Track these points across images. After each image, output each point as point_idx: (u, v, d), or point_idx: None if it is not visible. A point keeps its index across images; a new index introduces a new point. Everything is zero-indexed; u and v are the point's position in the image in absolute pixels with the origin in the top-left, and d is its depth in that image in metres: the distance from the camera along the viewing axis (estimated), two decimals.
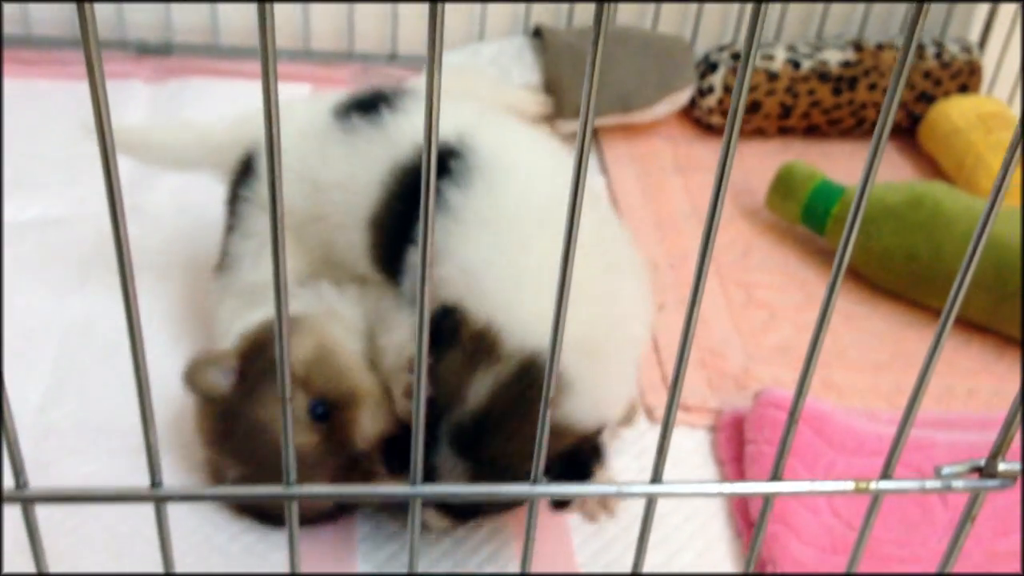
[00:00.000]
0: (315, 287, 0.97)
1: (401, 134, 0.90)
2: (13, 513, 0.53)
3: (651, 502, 0.54)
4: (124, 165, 1.21)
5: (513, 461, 0.74)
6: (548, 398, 0.49)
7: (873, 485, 0.55)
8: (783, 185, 1.31)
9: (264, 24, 0.38)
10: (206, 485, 0.92)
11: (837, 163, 1.47)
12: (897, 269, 1.21)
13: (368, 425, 0.85)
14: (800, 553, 0.89)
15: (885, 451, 0.99)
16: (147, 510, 0.86)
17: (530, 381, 0.75)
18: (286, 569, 0.87)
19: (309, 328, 0.90)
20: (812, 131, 1.55)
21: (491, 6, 1.58)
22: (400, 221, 0.86)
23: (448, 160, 0.85)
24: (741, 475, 0.97)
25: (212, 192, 1.07)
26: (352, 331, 0.92)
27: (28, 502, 0.49)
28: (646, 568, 0.88)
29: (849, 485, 0.55)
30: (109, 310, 1.13)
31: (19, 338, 1.08)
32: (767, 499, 0.56)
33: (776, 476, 0.55)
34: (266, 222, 0.97)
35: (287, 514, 0.50)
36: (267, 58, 0.39)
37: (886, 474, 0.55)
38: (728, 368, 1.11)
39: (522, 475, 0.58)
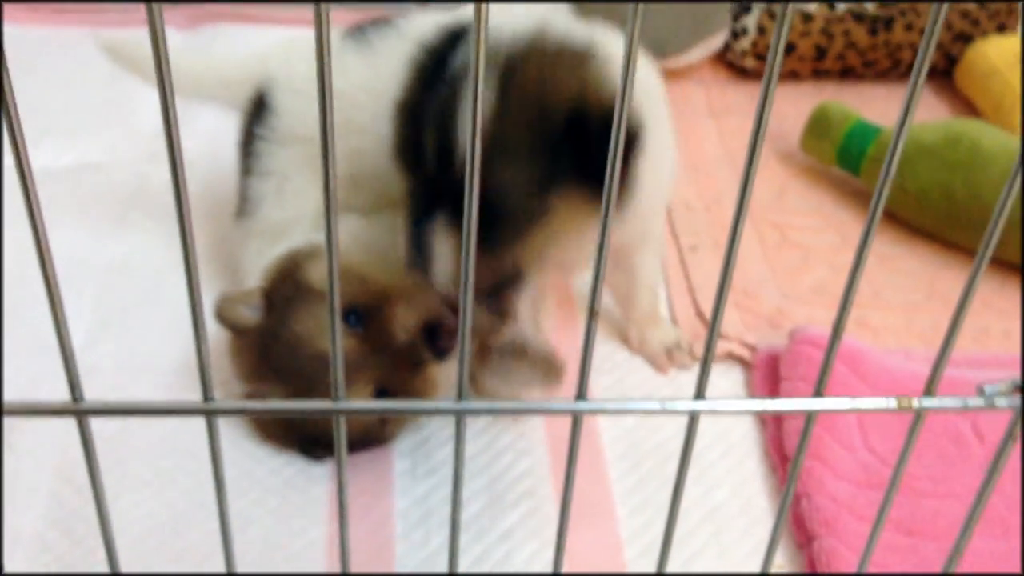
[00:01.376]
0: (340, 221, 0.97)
1: (417, 28, 0.91)
2: (68, 427, 0.55)
3: (694, 419, 0.54)
4: (157, 109, 1.24)
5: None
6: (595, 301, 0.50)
7: (916, 402, 0.55)
8: (818, 126, 1.29)
9: None
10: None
11: (872, 105, 1.45)
12: (933, 209, 1.20)
13: (405, 315, 0.86)
14: (835, 487, 0.90)
15: (921, 389, 1.00)
16: (191, 436, 0.88)
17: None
18: (327, 500, 0.89)
19: (324, 252, 0.91)
20: (847, 73, 1.53)
21: None
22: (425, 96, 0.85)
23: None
24: (776, 413, 0.97)
25: None
26: (377, 252, 0.92)
27: (83, 414, 0.50)
28: (682, 504, 0.89)
29: (892, 402, 0.55)
30: (147, 252, 1.15)
31: (60, 281, 1.09)
32: (809, 416, 0.56)
33: (819, 392, 0.55)
34: (283, 159, 0.99)
35: (335, 430, 0.51)
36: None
37: (928, 392, 0.55)
38: (762, 309, 1.11)
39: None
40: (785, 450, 0.94)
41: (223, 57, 1.11)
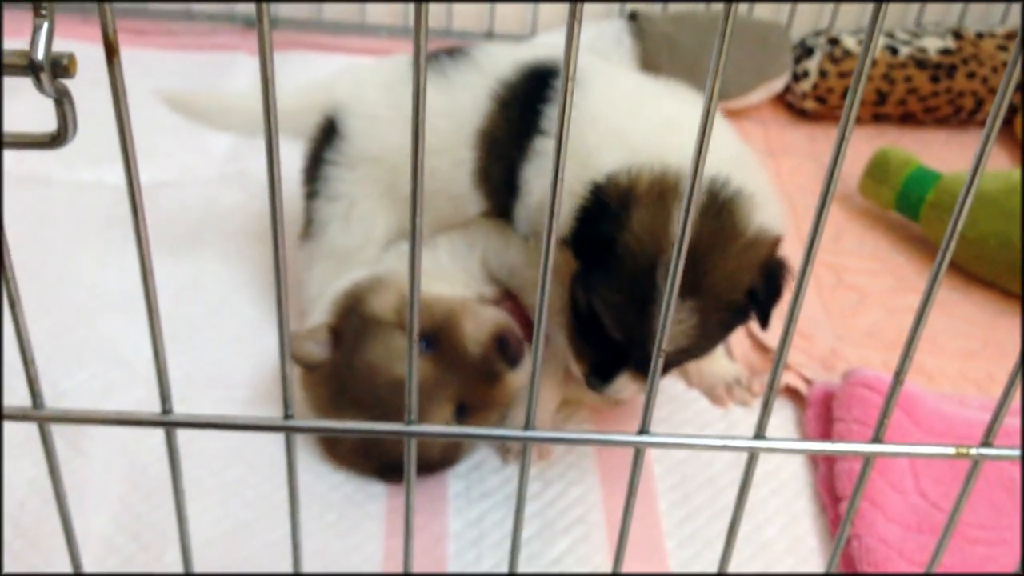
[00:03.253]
0: (399, 248, 1.00)
1: (494, 63, 0.96)
2: (138, 436, 0.57)
3: (753, 457, 0.56)
4: (229, 134, 1.28)
5: (727, 283, 0.79)
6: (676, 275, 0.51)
7: (974, 451, 0.56)
8: (878, 170, 1.30)
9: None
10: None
11: (932, 151, 1.46)
12: (991, 256, 1.21)
13: (474, 330, 0.89)
14: (885, 530, 0.90)
15: (975, 436, 1.00)
16: (254, 448, 0.91)
17: (720, 206, 0.79)
18: (383, 517, 0.91)
19: (389, 283, 0.94)
20: (907, 119, 1.54)
21: None
22: (511, 127, 0.92)
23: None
24: (828, 455, 0.98)
25: None
26: (443, 276, 0.95)
27: (171, 426, 0.53)
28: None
29: (950, 450, 0.56)
30: (216, 271, 1.19)
31: (135, 296, 1.13)
32: (867, 460, 0.57)
33: (878, 438, 0.57)
34: (352, 183, 1.02)
35: (406, 451, 0.53)
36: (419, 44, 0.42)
37: (986, 442, 0.56)
38: (816, 350, 1.12)
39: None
40: (836, 491, 0.95)
41: (286, 91, 1.15)
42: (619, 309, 0.81)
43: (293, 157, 1.13)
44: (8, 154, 1.34)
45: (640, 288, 0.78)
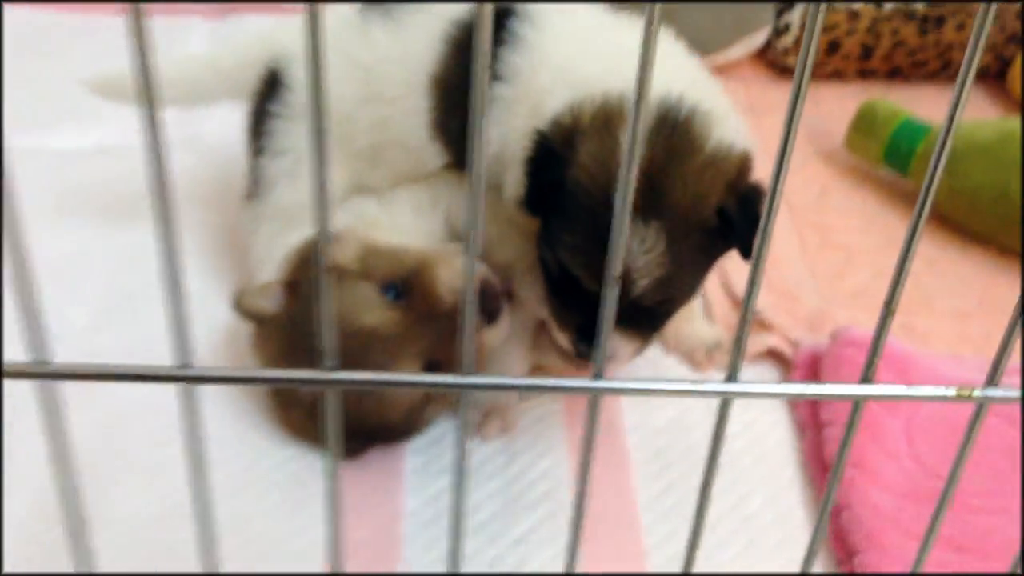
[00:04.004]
0: (352, 205, 0.93)
1: (447, 7, 0.88)
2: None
3: (726, 403, 0.49)
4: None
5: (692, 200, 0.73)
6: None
7: (977, 392, 0.49)
8: (864, 123, 1.23)
9: None
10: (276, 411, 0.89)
11: (921, 106, 1.37)
12: (986, 210, 1.13)
13: (449, 278, 0.81)
14: (878, 499, 0.83)
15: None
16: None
17: (674, 122, 0.74)
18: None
19: (349, 235, 0.86)
20: (895, 74, 1.47)
21: None
22: (467, 72, 0.83)
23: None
24: (815, 416, 0.91)
25: None
26: (404, 233, 0.88)
27: (51, 377, 0.45)
28: (712, 513, 0.83)
29: (950, 391, 0.49)
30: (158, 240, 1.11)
31: (71, 263, 1.06)
32: (856, 405, 0.50)
33: (867, 379, 0.49)
34: (299, 135, 0.94)
35: (326, 403, 0.46)
36: None
37: (992, 382, 0.49)
38: (802, 311, 1.04)
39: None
40: (825, 458, 0.88)
41: (215, 53, 1.07)
42: (586, 253, 0.74)
43: (236, 118, 1.06)
44: None
45: (601, 223, 0.71)
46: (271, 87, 0.95)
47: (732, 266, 1.10)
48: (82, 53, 1.43)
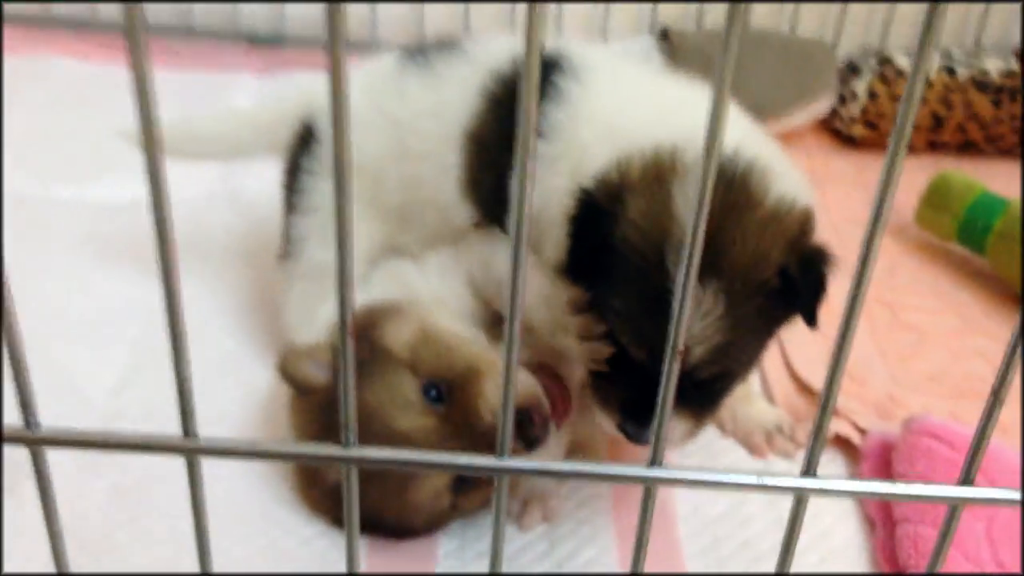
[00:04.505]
0: (389, 267, 0.88)
1: (487, 53, 0.85)
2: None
3: (800, 501, 0.43)
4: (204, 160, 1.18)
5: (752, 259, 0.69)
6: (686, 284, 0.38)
7: None
8: (937, 196, 1.16)
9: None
10: (300, 487, 0.84)
11: (995, 183, 1.31)
12: None
13: (495, 395, 0.75)
14: None
15: None
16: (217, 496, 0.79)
17: (731, 177, 0.70)
18: None
19: (408, 312, 0.81)
20: (967, 147, 1.40)
21: (615, 4, 1.48)
22: (502, 128, 0.79)
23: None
24: (888, 512, 0.83)
25: None
26: (451, 308, 0.83)
27: (37, 443, 0.41)
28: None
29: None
30: (199, 295, 1.07)
31: (102, 318, 1.02)
32: (954, 510, 0.44)
33: (967, 480, 0.43)
34: (330, 193, 0.90)
35: (344, 480, 0.40)
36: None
37: None
38: (870, 395, 0.97)
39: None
40: (898, 560, 0.80)
41: (254, 108, 1.05)
42: (636, 319, 0.68)
43: (276, 174, 1.03)
44: None
45: (653, 285, 0.66)
46: (305, 142, 0.92)
47: (793, 341, 1.03)
48: (122, 105, 1.41)
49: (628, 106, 0.77)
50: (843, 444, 0.93)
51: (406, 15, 1.53)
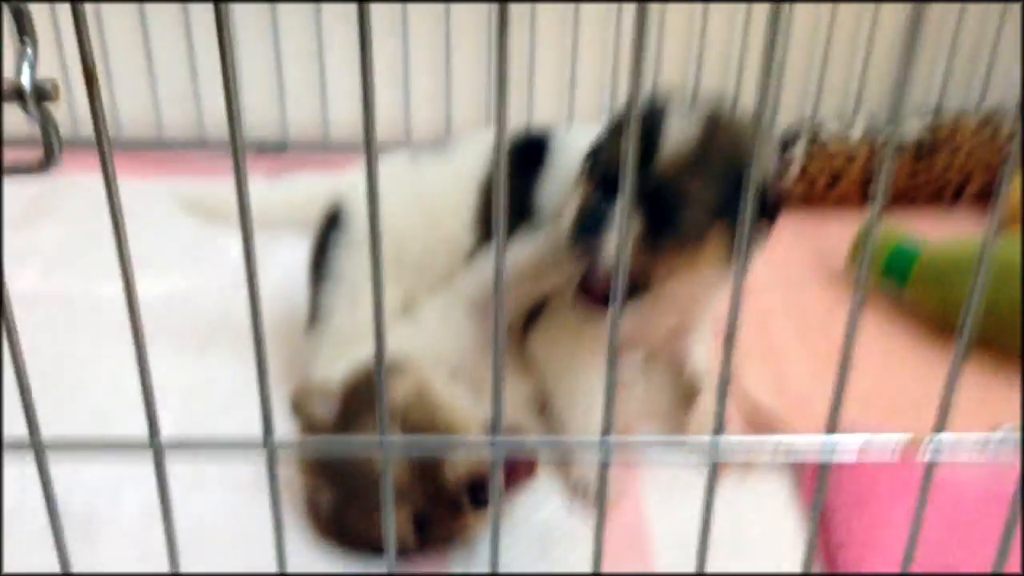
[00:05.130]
0: (413, 320, 1.05)
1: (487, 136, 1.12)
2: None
3: (715, 464, 0.59)
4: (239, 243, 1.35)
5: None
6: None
7: (926, 439, 0.59)
8: (863, 244, 1.34)
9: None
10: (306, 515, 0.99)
11: (922, 227, 1.49)
12: (975, 319, 1.22)
13: (458, 463, 0.89)
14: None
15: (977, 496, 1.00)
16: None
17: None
18: None
19: (408, 370, 0.97)
20: (896, 199, 1.58)
21: (578, 89, 1.68)
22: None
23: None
24: (825, 517, 0.99)
25: None
26: (447, 359, 0.99)
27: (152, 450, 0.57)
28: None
29: (906, 436, 0.59)
30: (228, 371, 1.23)
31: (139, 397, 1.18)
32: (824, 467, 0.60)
33: (831, 430, 0.60)
34: (356, 264, 1.08)
35: (384, 466, 0.56)
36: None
37: (939, 427, 0.59)
38: (811, 415, 1.13)
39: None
40: (838, 542, 0.95)
41: (290, 186, 1.25)
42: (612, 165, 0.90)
43: (298, 257, 1.19)
44: (31, 271, 1.42)
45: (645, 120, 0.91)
46: (332, 222, 1.10)
47: (742, 369, 1.20)
48: (146, 214, 1.59)
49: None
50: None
51: (396, 117, 1.72)
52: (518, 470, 0.92)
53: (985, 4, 1.65)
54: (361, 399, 0.94)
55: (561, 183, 1.04)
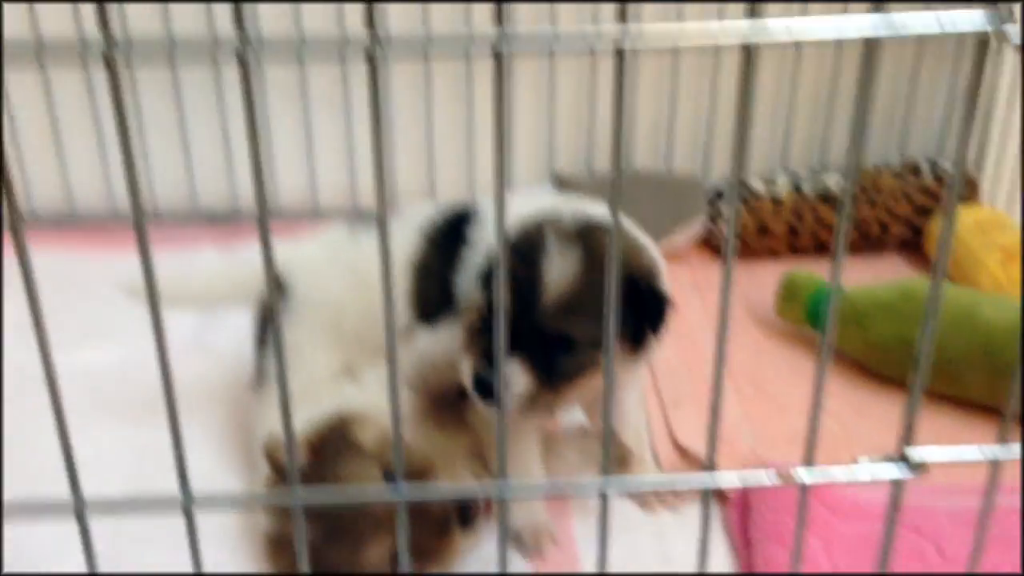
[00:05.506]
0: (359, 382, 1.12)
1: (414, 213, 1.17)
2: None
3: (605, 498, 0.64)
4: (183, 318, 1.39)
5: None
6: None
7: (797, 474, 0.64)
8: (787, 291, 1.41)
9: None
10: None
11: (846, 276, 1.56)
12: (895, 358, 1.30)
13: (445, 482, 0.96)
14: None
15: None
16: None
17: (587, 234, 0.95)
18: None
19: (374, 419, 1.03)
20: (821, 249, 1.66)
21: (517, 153, 1.75)
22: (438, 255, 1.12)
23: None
24: (746, 538, 1.04)
25: None
26: (378, 407, 1.04)
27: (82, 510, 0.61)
28: None
29: (773, 476, 0.64)
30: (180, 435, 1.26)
31: (99, 457, 1.21)
32: (706, 493, 0.65)
33: (710, 467, 0.65)
34: (296, 331, 1.14)
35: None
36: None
37: (808, 462, 0.64)
38: (737, 452, 1.19)
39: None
40: (757, 573, 1.00)
41: (231, 266, 1.31)
42: (511, 275, 0.91)
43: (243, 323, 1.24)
44: None
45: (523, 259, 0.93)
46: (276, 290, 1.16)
47: (676, 417, 1.26)
48: (106, 285, 1.63)
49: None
50: (717, 495, 1.14)
51: (344, 184, 1.78)
52: (476, 510, 0.99)
53: (897, 61, 1.75)
54: (329, 447, 0.99)
55: (476, 267, 1.07)
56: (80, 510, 0.61)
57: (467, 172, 1.77)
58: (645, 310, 0.95)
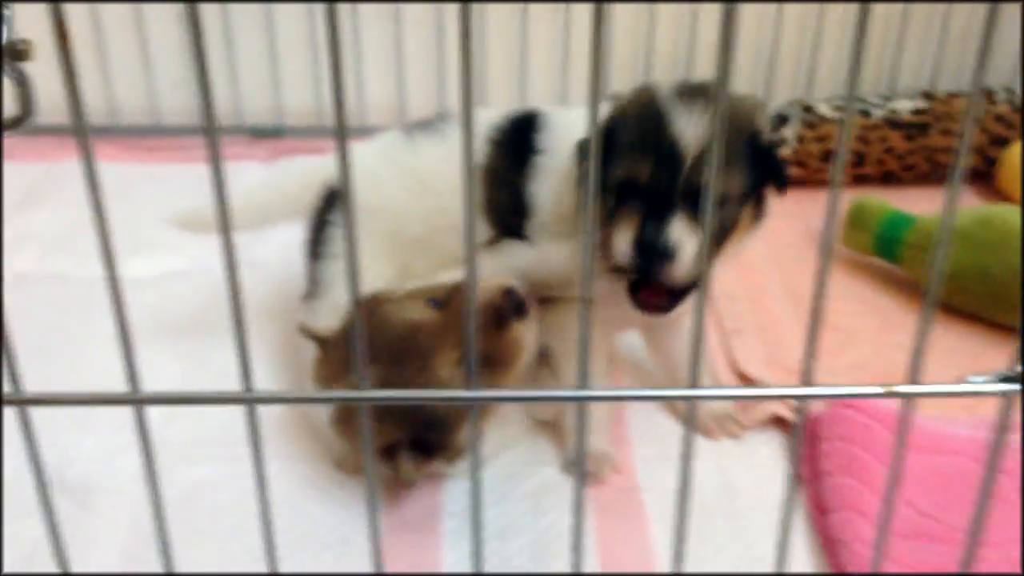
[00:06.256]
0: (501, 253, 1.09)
1: (481, 116, 1.08)
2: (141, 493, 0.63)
3: (692, 406, 0.59)
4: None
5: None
6: None
7: (901, 388, 0.59)
8: (855, 219, 1.35)
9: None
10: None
11: (914, 206, 1.50)
12: (971, 288, 1.24)
13: (482, 284, 0.94)
14: (873, 536, 0.91)
15: (963, 450, 1.01)
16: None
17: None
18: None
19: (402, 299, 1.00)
20: (888, 178, 1.59)
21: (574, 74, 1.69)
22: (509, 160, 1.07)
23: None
24: (815, 471, 1.00)
25: None
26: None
27: (140, 403, 0.58)
28: (726, 556, 0.92)
29: (878, 389, 0.59)
30: (225, 349, 1.23)
31: (144, 376, 1.19)
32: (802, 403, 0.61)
33: (807, 382, 0.60)
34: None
35: (362, 416, 0.57)
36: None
37: (914, 379, 0.59)
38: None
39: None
40: (826, 506, 0.96)
41: (279, 181, 1.26)
42: (638, 145, 0.90)
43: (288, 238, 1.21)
44: (28, 253, 1.43)
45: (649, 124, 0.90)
46: (329, 202, 1.11)
47: (737, 346, 1.21)
48: (146, 196, 1.61)
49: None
50: (781, 423, 1.10)
51: (393, 102, 1.73)
52: (521, 299, 0.97)
53: None
54: (371, 303, 0.97)
55: (555, 174, 1.03)
56: (138, 402, 0.57)
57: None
58: (768, 167, 0.93)
